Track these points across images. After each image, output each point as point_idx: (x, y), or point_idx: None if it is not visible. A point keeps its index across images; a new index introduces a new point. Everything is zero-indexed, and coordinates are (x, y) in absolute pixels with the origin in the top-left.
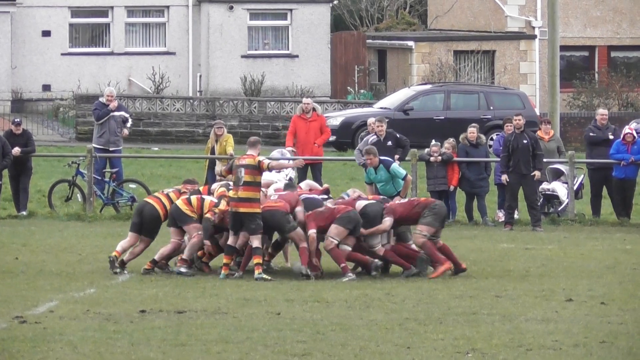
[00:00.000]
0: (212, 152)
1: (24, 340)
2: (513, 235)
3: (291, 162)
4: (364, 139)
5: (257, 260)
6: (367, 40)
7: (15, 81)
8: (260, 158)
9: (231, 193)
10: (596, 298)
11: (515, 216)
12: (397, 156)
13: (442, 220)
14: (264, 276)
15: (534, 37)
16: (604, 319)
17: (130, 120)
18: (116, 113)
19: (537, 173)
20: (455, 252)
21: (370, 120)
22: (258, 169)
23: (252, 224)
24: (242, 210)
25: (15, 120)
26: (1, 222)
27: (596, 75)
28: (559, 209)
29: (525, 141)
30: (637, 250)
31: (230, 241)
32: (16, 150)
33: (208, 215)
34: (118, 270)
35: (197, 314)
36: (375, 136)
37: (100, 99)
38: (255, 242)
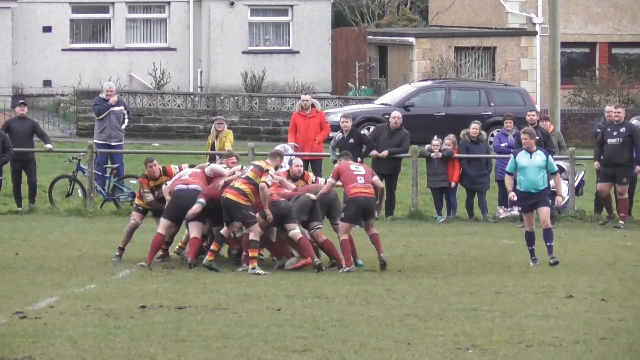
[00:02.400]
0: (213, 148)
1: (24, 336)
2: (513, 232)
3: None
4: (334, 136)
5: (251, 253)
6: (368, 37)
7: (16, 77)
8: (267, 178)
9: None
10: (596, 294)
11: (516, 212)
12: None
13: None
14: (258, 271)
15: (534, 33)
16: (604, 315)
17: (127, 119)
18: (116, 108)
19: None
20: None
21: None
22: (262, 172)
23: (238, 213)
24: (229, 196)
25: (20, 101)
26: (1, 217)
27: (597, 71)
28: (561, 205)
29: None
30: (637, 247)
31: (223, 230)
32: (49, 147)
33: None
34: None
35: (198, 309)
36: (340, 133)
37: (100, 95)
38: (252, 234)
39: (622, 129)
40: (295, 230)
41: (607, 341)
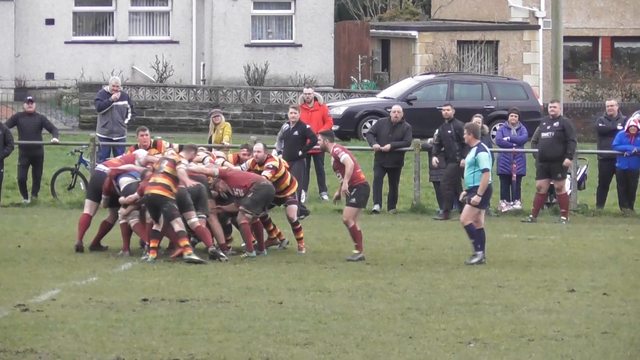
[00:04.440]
0: (211, 141)
1: (26, 328)
2: (516, 226)
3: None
4: (282, 127)
5: (183, 242)
6: (371, 30)
7: (19, 69)
8: (182, 166)
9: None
10: (598, 289)
11: (518, 206)
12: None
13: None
14: (193, 257)
15: (537, 27)
16: (606, 309)
17: (130, 113)
18: (119, 102)
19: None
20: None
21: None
22: (175, 164)
23: (164, 207)
24: (155, 191)
25: (28, 97)
26: (4, 210)
27: (599, 65)
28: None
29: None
30: (639, 241)
31: (155, 226)
32: (54, 140)
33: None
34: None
35: (199, 302)
36: (287, 124)
37: (105, 88)
38: (176, 225)
39: (556, 124)
40: (194, 219)
41: (608, 335)
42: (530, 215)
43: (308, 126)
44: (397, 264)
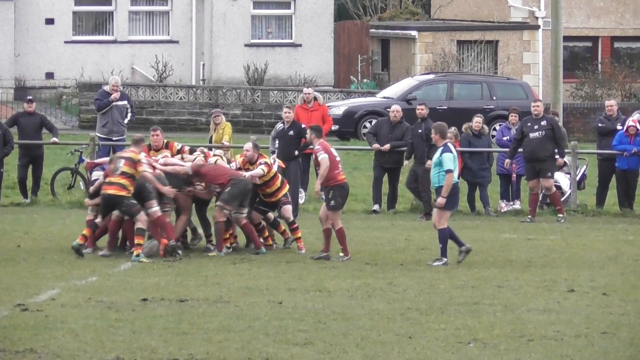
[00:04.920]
0: (211, 141)
1: (26, 328)
2: (515, 226)
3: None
4: (275, 127)
5: (137, 240)
6: (371, 30)
7: (19, 69)
8: (144, 167)
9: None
10: (598, 289)
11: (518, 206)
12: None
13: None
14: (142, 259)
15: (537, 27)
16: (606, 309)
17: (130, 113)
18: (119, 102)
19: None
20: None
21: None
22: (135, 163)
23: (121, 206)
24: (110, 192)
25: (28, 97)
26: (4, 209)
27: (599, 65)
28: (562, 200)
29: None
30: (639, 241)
31: (138, 224)
32: (54, 140)
33: None
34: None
35: (199, 302)
36: (281, 124)
37: (105, 87)
38: (139, 223)
39: (543, 122)
40: (155, 208)
41: (608, 335)
42: (529, 216)
43: (303, 125)
44: (396, 264)
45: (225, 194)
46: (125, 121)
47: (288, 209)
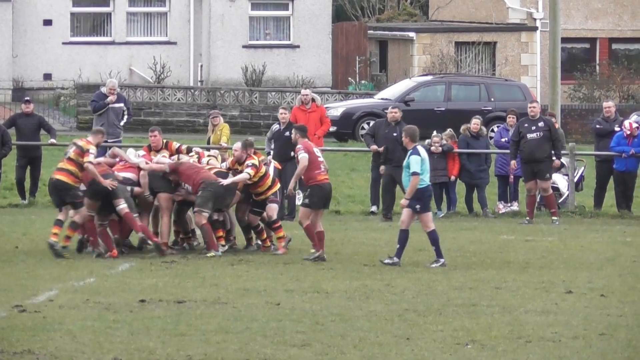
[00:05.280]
0: (209, 142)
1: (24, 329)
2: (513, 227)
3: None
4: (271, 128)
5: (69, 232)
6: (369, 31)
7: (17, 70)
8: (92, 150)
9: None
10: (596, 290)
11: (516, 208)
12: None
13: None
14: (56, 247)
15: (535, 28)
16: (604, 311)
17: (126, 115)
18: (115, 105)
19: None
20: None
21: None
22: (83, 152)
23: (67, 196)
24: (59, 177)
25: (25, 98)
26: (1, 210)
27: (597, 67)
28: (560, 201)
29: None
30: (637, 243)
31: (76, 217)
32: (52, 141)
33: None
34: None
35: (197, 303)
36: (277, 125)
37: (102, 89)
38: (76, 216)
39: (541, 124)
40: (122, 206)
41: (606, 337)
42: (527, 218)
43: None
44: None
45: (199, 199)
46: (122, 123)
47: (273, 207)
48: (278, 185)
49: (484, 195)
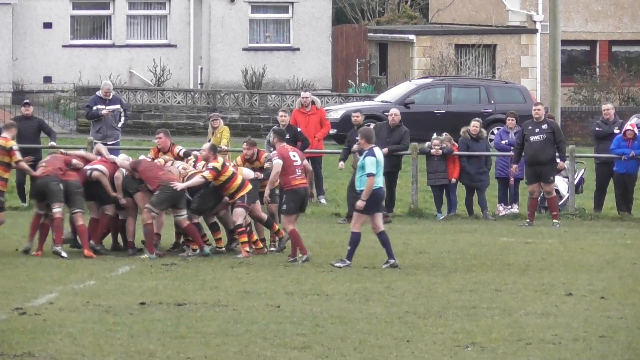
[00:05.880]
0: None
1: (24, 332)
2: (513, 230)
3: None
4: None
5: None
6: (369, 34)
7: (16, 73)
8: (14, 147)
9: None
10: (596, 292)
11: (516, 210)
12: None
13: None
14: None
15: (535, 31)
16: (604, 313)
17: (123, 117)
18: (112, 107)
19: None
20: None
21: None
22: (7, 151)
23: None
24: None
25: (25, 101)
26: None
27: (597, 69)
28: (560, 204)
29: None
30: (637, 245)
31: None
32: (52, 144)
33: None
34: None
35: (197, 306)
36: (277, 127)
37: (98, 93)
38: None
39: (544, 126)
40: (56, 210)
41: (606, 339)
42: (527, 220)
43: (299, 129)
44: (394, 268)
45: (154, 197)
46: (119, 125)
47: (238, 212)
48: (248, 189)
49: (484, 198)
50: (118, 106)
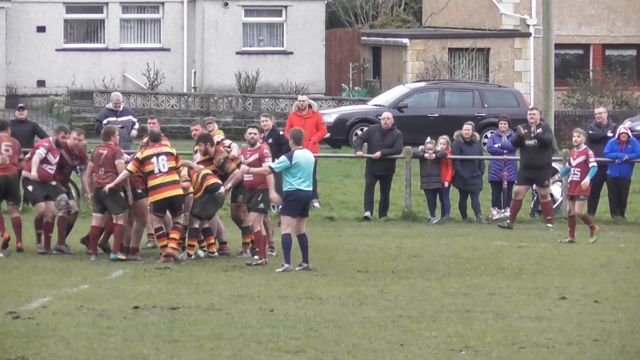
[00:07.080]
0: None
1: (17, 336)
2: (507, 233)
3: None
4: None
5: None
6: (362, 38)
7: (10, 77)
8: None
9: None
10: (589, 296)
11: (509, 214)
12: None
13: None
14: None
15: (528, 35)
16: (597, 317)
17: (137, 124)
18: (124, 118)
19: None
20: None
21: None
22: None
23: None
24: None
25: (19, 105)
26: None
27: (591, 73)
28: (553, 207)
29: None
30: (630, 249)
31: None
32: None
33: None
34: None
35: (191, 310)
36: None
37: (107, 106)
38: None
39: (539, 130)
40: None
41: (600, 343)
42: (507, 221)
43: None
44: (388, 272)
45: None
46: (133, 132)
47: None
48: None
49: (478, 201)
50: (130, 117)
